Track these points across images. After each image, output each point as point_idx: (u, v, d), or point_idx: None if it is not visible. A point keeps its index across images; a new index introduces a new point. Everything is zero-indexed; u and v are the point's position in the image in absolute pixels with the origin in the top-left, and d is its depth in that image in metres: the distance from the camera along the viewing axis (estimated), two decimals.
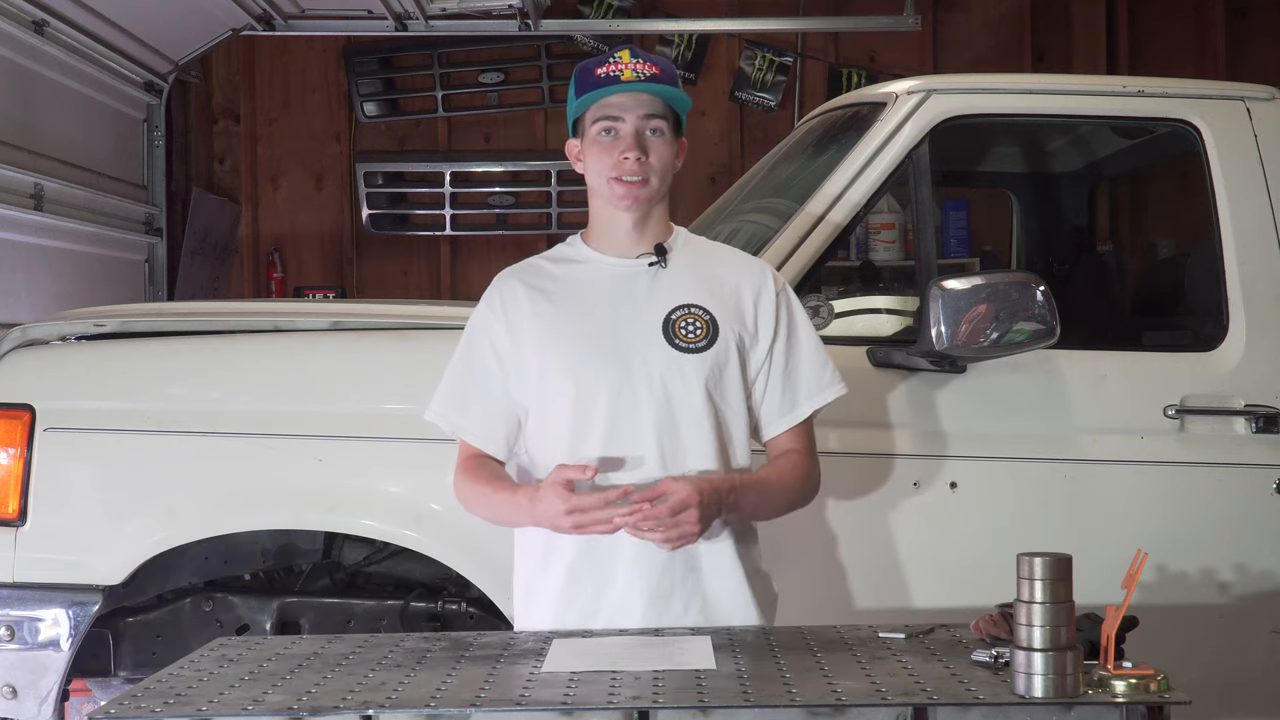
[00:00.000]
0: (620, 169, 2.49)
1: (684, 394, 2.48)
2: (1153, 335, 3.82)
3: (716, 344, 2.50)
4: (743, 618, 2.51)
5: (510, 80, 7.23)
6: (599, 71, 2.50)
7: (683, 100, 2.53)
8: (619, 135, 2.49)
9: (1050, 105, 3.48)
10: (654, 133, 2.51)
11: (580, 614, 2.48)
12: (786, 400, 2.58)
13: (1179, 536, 3.20)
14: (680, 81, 2.58)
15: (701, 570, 2.49)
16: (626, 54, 2.51)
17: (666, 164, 2.53)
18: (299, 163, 7.31)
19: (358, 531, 3.04)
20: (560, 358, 2.51)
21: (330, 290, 7.10)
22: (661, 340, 2.49)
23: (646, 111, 2.50)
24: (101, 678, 3.11)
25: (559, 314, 2.54)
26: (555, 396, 2.51)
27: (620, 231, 2.56)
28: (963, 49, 7.24)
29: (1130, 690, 1.90)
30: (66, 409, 3.02)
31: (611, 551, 2.46)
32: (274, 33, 6.04)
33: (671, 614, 2.47)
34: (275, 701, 1.96)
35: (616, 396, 2.47)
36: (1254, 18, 7.29)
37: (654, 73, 2.49)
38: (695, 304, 2.52)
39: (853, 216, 3.22)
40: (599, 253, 2.58)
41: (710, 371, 2.50)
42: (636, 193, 2.50)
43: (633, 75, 2.48)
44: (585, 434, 2.47)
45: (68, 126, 5.18)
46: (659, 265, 2.55)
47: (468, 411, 2.58)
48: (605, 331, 2.51)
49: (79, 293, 5.04)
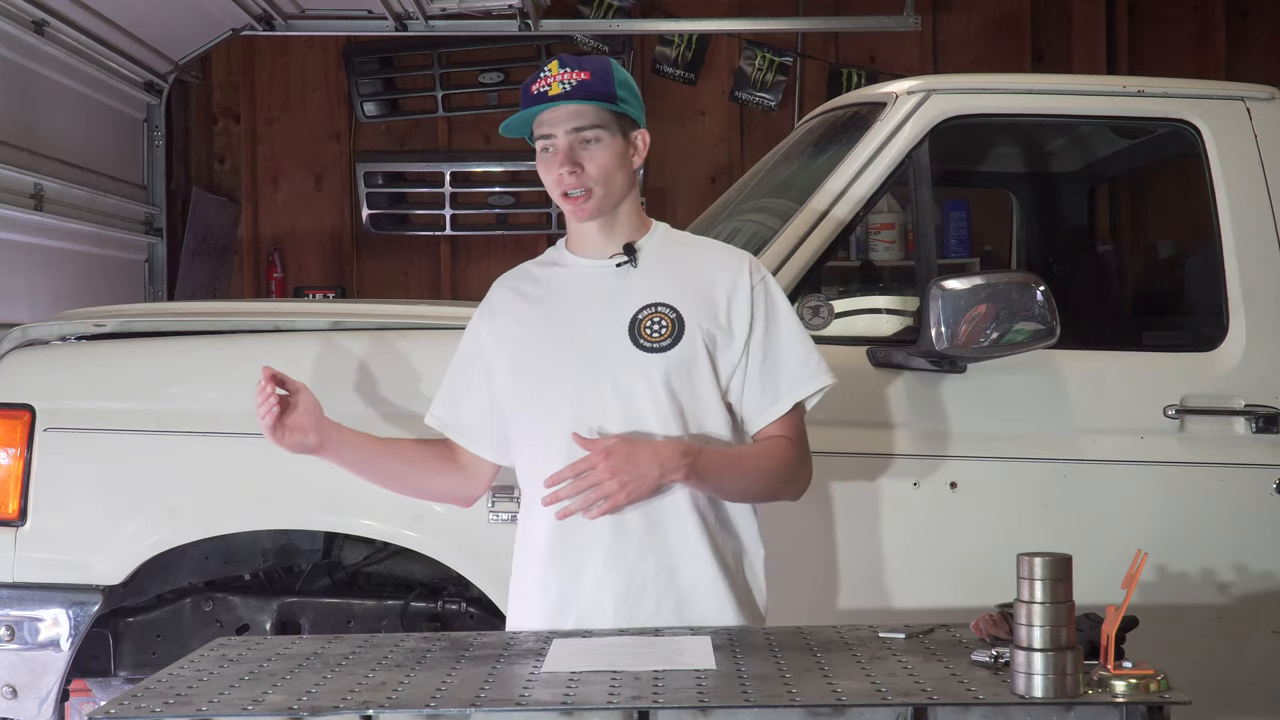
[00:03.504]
0: (561, 184, 2.49)
1: (648, 394, 2.46)
2: (1153, 335, 3.82)
3: (682, 342, 2.48)
4: (719, 617, 2.48)
5: (510, 80, 7.23)
6: (533, 89, 2.49)
7: (611, 100, 2.48)
8: (555, 150, 2.49)
9: (1050, 105, 3.48)
10: (587, 142, 2.48)
11: (549, 612, 2.48)
12: (768, 393, 2.54)
13: (1179, 536, 3.20)
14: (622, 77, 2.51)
15: (675, 568, 2.47)
16: (555, 65, 2.49)
17: (608, 169, 2.50)
18: (299, 163, 7.31)
19: (358, 531, 3.04)
20: (530, 360, 2.53)
21: (330, 290, 7.10)
22: (627, 341, 2.49)
23: (575, 125, 2.47)
24: (101, 678, 3.11)
25: (535, 317, 2.56)
26: (527, 398, 2.53)
27: (588, 237, 2.57)
28: (963, 49, 7.24)
29: (1130, 690, 1.90)
30: (66, 409, 3.02)
31: (580, 549, 2.46)
32: (274, 33, 6.04)
33: (644, 613, 2.45)
34: (275, 701, 1.96)
35: (582, 398, 2.47)
36: (1254, 18, 7.29)
37: (582, 79, 2.46)
38: (662, 303, 2.51)
39: (853, 216, 3.22)
40: (576, 255, 2.60)
41: (674, 370, 2.47)
42: (583, 205, 2.50)
43: (560, 88, 2.45)
44: (552, 435, 2.47)
45: (68, 126, 5.18)
46: (629, 264, 2.55)
47: (460, 415, 2.63)
48: (574, 334, 2.52)
49: (79, 293, 5.03)
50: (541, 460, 2.48)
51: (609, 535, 2.45)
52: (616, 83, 2.50)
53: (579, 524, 2.44)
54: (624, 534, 2.45)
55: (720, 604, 2.50)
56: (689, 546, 2.48)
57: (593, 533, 2.45)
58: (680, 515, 2.47)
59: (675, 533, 2.47)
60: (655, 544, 2.46)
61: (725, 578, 2.50)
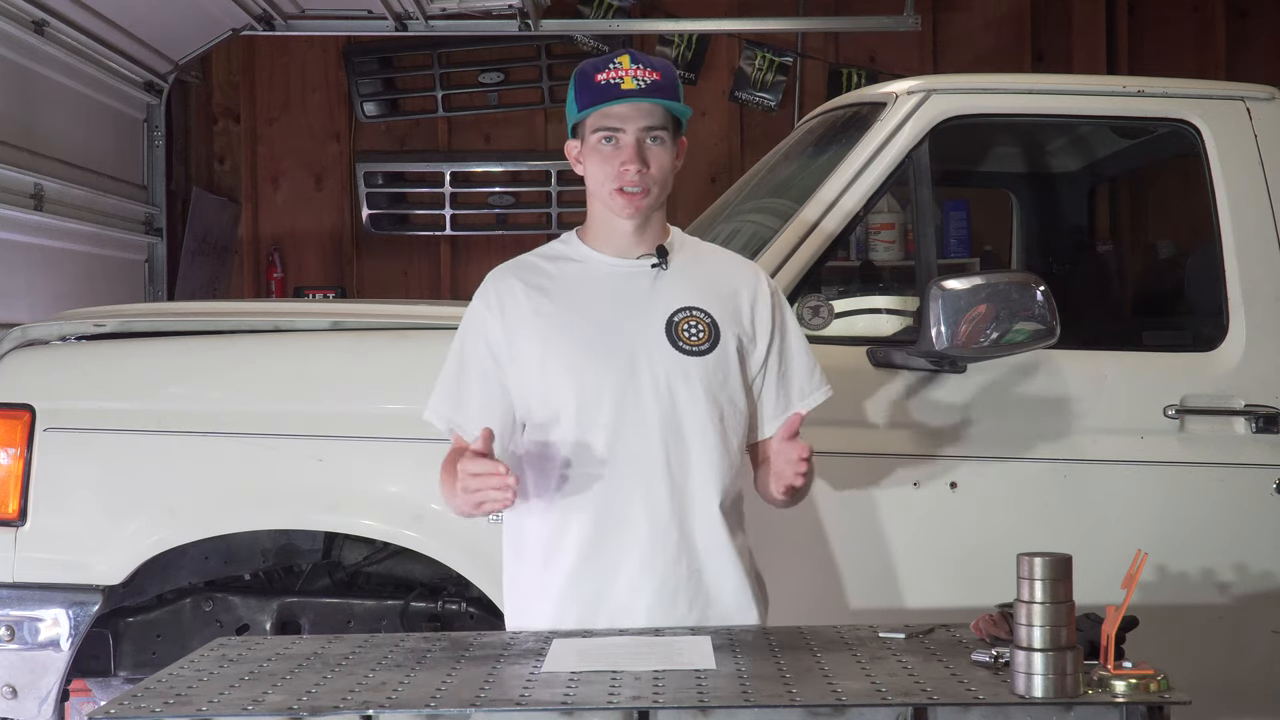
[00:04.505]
0: (621, 179, 2.48)
1: (688, 396, 2.48)
2: (1153, 335, 3.82)
3: (719, 347, 2.51)
4: (743, 618, 2.52)
5: (510, 80, 7.23)
6: (599, 78, 2.48)
7: (683, 109, 2.52)
8: (619, 145, 2.48)
9: (1050, 105, 3.48)
10: (654, 141, 2.49)
11: (580, 614, 2.48)
12: (781, 402, 2.60)
13: (1179, 536, 3.20)
14: (680, 83, 2.56)
15: (705, 571, 2.50)
16: (627, 59, 2.48)
17: (667, 172, 2.52)
18: (299, 163, 7.30)
19: (358, 531, 3.04)
20: (561, 357, 2.50)
21: (330, 290, 7.10)
22: (665, 342, 2.49)
23: (647, 123, 2.48)
24: (101, 678, 3.11)
25: (559, 312, 2.53)
26: (557, 397, 2.50)
27: (620, 234, 2.56)
28: (963, 49, 7.23)
29: (1130, 690, 1.90)
30: (66, 409, 3.02)
31: (617, 553, 2.47)
32: (274, 33, 6.04)
33: (677, 614, 2.47)
34: (275, 701, 1.96)
35: (621, 397, 2.47)
36: (1254, 18, 7.29)
37: (655, 80, 2.47)
38: (697, 307, 2.53)
39: (853, 216, 3.22)
40: (598, 252, 2.58)
41: (714, 374, 2.50)
42: (638, 203, 2.50)
43: (634, 84, 2.45)
44: (590, 434, 2.47)
45: (68, 126, 5.18)
46: (660, 267, 2.55)
47: (464, 408, 2.56)
48: (607, 331, 2.51)
49: (79, 293, 5.03)
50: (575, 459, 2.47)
51: (646, 537, 2.46)
52: (679, 91, 2.54)
53: (616, 525, 2.46)
54: (661, 536, 2.47)
55: (746, 606, 2.53)
56: (716, 547, 2.50)
57: (631, 536, 2.45)
58: (708, 516, 2.49)
59: (703, 534, 2.49)
60: (687, 546, 2.48)
61: (746, 577, 2.54)
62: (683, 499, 2.47)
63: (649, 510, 2.46)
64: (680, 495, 2.47)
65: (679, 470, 2.47)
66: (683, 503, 2.47)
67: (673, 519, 2.47)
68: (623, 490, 2.46)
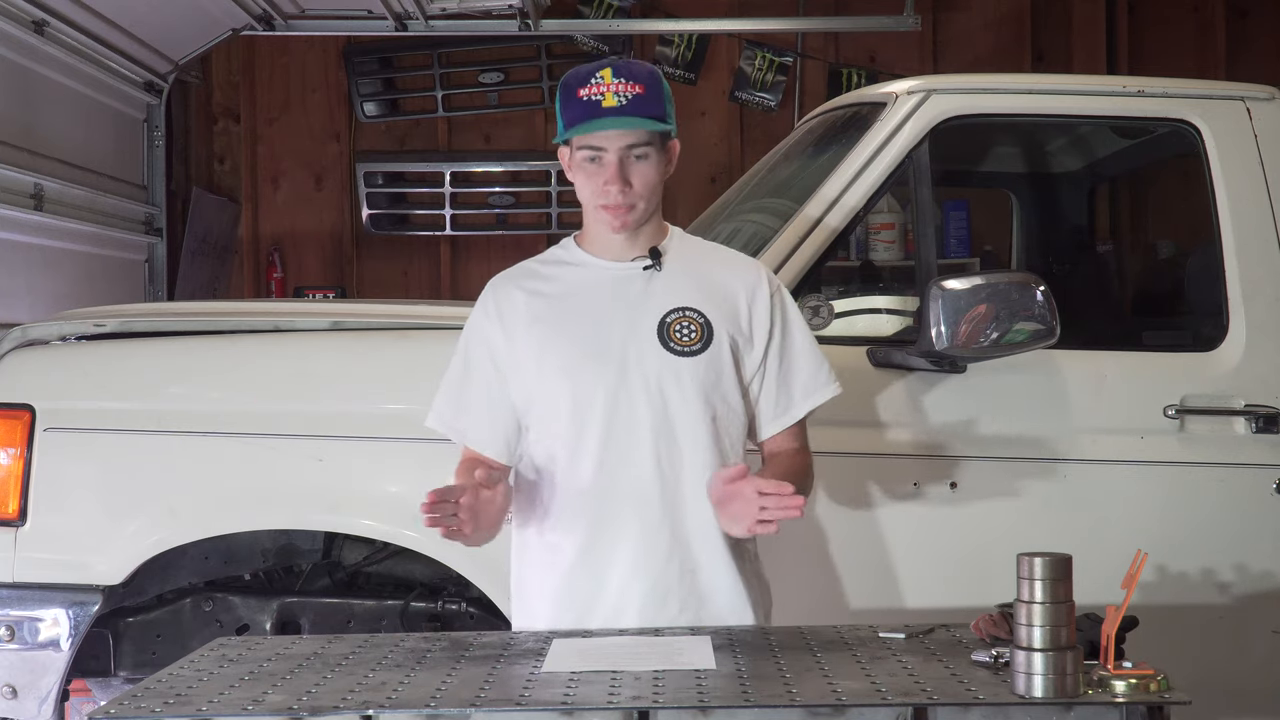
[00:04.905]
0: (605, 197, 2.47)
1: (679, 397, 2.48)
2: (1153, 335, 3.82)
3: (711, 347, 2.50)
4: (738, 619, 2.51)
5: (510, 80, 7.23)
6: (581, 93, 2.44)
7: (664, 127, 2.46)
8: (602, 163, 2.46)
9: (1050, 105, 3.48)
10: (638, 158, 2.47)
11: (577, 615, 2.48)
12: (782, 401, 2.58)
13: (1179, 536, 3.20)
14: (667, 90, 2.49)
15: (698, 572, 2.49)
16: (609, 73, 2.44)
17: (652, 187, 2.50)
18: (299, 163, 7.30)
19: (358, 531, 3.04)
20: (557, 359, 2.51)
21: (330, 290, 7.10)
22: (656, 344, 2.49)
23: (628, 143, 2.45)
24: (101, 678, 3.11)
25: (555, 317, 2.54)
26: (553, 398, 2.51)
27: (613, 240, 2.55)
28: (963, 49, 7.23)
29: (1130, 690, 1.90)
30: (66, 409, 3.02)
31: (610, 553, 2.47)
32: (274, 33, 6.04)
33: (667, 615, 2.47)
34: (275, 701, 1.96)
35: (614, 399, 2.47)
36: (1254, 18, 7.28)
37: (638, 93, 2.43)
38: (690, 307, 2.52)
39: (853, 217, 3.22)
40: (594, 256, 2.58)
41: (706, 374, 2.49)
42: (624, 218, 2.49)
43: (615, 100, 2.42)
44: (584, 436, 2.48)
45: (68, 126, 5.18)
46: (654, 269, 2.55)
47: (468, 416, 2.58)
48: (601, 334, 2.51)
49: (79, 293, 5.03)
50: (569, 461, 2.48)
51: (638, 538, 2.46)
52: (665, 98, 2.50)
53: (607, 528, 2.46)
54: (652, 537, 2.47)
55: (741, 608, 2.52)
56: (710, 549, 2.49)
57: (622, 537, 2.45)
58: (702, 518, 2.47)
59: (698, 536, 2.48)
60: (680, 548, 2.48)
61: (742, 579, 2.52)
62: (675, 500, 2.47)
63: (640, 512, 2.46)
64: (673, 497, 2.47)
65: (671, 471, 2.46)
66: (675, 504, 2.47)
67: (664, 520, 2.46)
68: (615, 492, 2.47)
